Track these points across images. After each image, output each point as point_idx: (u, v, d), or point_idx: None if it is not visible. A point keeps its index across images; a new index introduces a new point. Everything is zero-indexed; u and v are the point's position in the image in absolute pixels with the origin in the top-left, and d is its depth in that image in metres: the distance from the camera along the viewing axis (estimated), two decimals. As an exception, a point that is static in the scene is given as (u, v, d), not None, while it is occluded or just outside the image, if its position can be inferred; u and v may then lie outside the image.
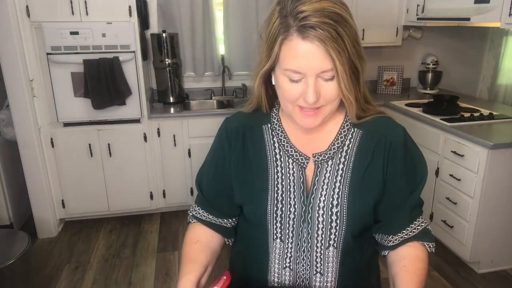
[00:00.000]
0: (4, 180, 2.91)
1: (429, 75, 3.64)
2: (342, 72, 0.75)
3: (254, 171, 0.89)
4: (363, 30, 3.27)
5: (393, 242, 0.89)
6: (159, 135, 3.04)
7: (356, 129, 0.88)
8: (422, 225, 0.90)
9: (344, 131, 0.88)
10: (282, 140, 0.90)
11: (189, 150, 3.11)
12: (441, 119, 2.63)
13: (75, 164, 2.95)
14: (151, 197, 3.17)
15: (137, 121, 2.97)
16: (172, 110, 3.13)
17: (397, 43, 3.46)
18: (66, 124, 2.87)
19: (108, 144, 2.95)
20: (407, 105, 3.09)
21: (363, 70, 0.80)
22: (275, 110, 0.93)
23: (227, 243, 1.00)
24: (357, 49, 0.77)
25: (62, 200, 3.02)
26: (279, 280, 0.91)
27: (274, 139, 0.90)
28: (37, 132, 2.78)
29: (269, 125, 0.92)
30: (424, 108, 2.87)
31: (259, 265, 0.93)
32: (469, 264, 2.53)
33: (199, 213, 0.97)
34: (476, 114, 2.69)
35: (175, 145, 3.08)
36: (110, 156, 2.98)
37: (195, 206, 0.99)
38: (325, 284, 0.89)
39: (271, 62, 0.80)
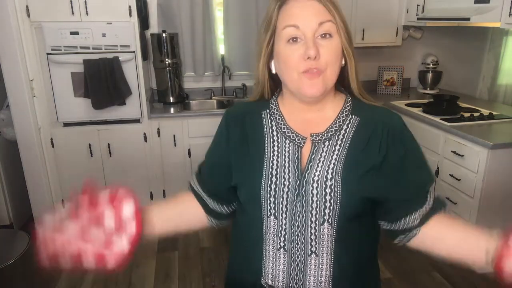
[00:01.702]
0: (4, 180, 2.91)
1: (429, 75, 3.64)
2: (340, 23, 0.82)
3: (252, 151, 0.92)
4: (363, 30, 3.28)
5: (415, 221, 0.90)
6: (159, 135, 3.04)
7: (353, 116, 0.91)
8: (432, 195, 0.91)
9: (343, 117, 0.91)
10: (280, 123, 0.93)
11: (189, 150, 3.11)
12: (441, 119, 2.63)
13: (75, 164, 2.95)
14: (151, 197, 3.17)
15: (137, 121, 2.97)
16: (172, 110, 3.13)
17: (397, 43, 3.47)
18: (66, 124, 2.87)
19: (108, 144, 2.95)
20: (407, 105, 3.09)
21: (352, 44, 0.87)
22: (274, 97, 0.97)
23: (214, 224, 1.03)
24: (346, 23, 0.85)
25: (62, 200, 3.02)
26: (274, 265, 0.91)
27: (272, 122, 0.94)
28: (37, 132, 2.78)
29: (267, 111, 0.95)
30: (424, 108, 2.87)
31: (254, 251, 0.93)
32: (469, 264, 2.53)
33: (194, 183, 1.03)
34: (476, 114, 2.69)
35: (175, 145, 3.08)
36: (110, 156, 2.98)
37: (194, 178, 1.04)
38: (320, 266, 0.88)
39: (271, 32, 0.86)
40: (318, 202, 0.86)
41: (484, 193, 2.29)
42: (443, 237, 0.88)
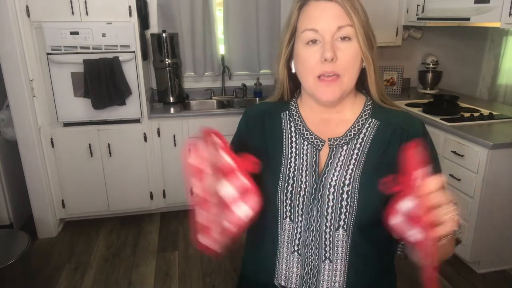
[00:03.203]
0: (4, 180, 2.91)
1: (429, 75, 3.64)
2: (359, 27, 0.81)
3: (269, 152, 0.92)
4: (363, 30, 3.28)
5: None
6: (159, 135, 3.04)
7: (373, 119, 0.90)
8: None
9: (362, 120, 0.90)
10: (299, 125, 0.93)
11: (189, 150, 3.10)
12: (441, 119, 2.63)
13: (75, 164, 2.95)
14: (151, 197, 3.17)
15: (137, 121, 2.97)
16: (172, 110, 3.13)
17: (397, 43, 3.46)
18: (66, 124, 2.87)
19: (108, 144, 2.95)
20: (407, 105, 3.09)
21: (375, 45, 0.87)
22: (294, 99, 0.97)
23: None
24: (368, 22, 0.85)
25: (62, 200, 3.02)
26: (287, 267, 0.90)
27: (291, 123, 0.93)
28: (37, 132, 2.78)
29: (287, 112, 0.96)
30: (424, 108, 2.87)
31: (268, 251, 0.93)
32: (469, 264, 2.53)
33: None
34: (476, 114, 2.69)
35: (175, 145, 3.08)
36: (110, 156, 2.98)
37: None
38: (334, 272, 0.87)
39: (290, 31, 0.86)
40: (333, 207, 0.85)
41: (484, 193, 2.29)
42: None
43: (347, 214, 0.84)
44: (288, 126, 0.93)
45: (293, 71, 0.90)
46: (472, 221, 2.37)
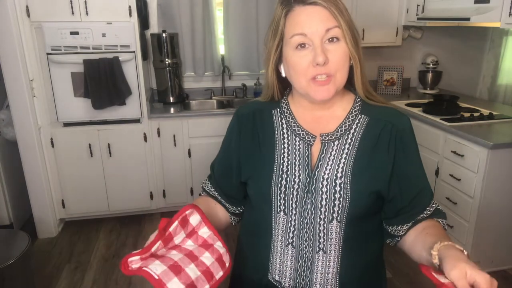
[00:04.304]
0: (4, 180, 2.91)
1: (429, 75, 3.64)
2: (346, 28, 0.83)
3: (262, 148, 0.94)
4: (363, 30, 3.27)
5: (406, 227, 0.92)
6: (159, 135, 3.04)
7: (363, 115, 0.92)
8: (434, 206, 0.93)
9: (352, 117, 0.92)
10: (290, 121, 0.94)
11: (189, 150, 3.11)
12: (441, 119, 2.63)
13: (75, 164, 2.95)
14: (151, 197, 3.17)
15: (137, 121, 2.97)
16: (172, 110, 3.13)
17: (397, 43, 3.46)
18: (66, 124, 2.87)
19: (108, 144, 2.95)
20: (407, 105, 3.09)
21: (360, 43, 0.88)
22: (284, 97, 0.99)
23: (231, 221, 1.06)
24: (352, 21, 0.86)
25: (62, 200, 3.02)
26: (281, 261, 0.91)
27: (283, 120, 0.95)
28: (37, 132, 2.78)
29: (278, 109, 0.97)
30: (424, 108, 2.87)
31: (262, 246, 0.94)
32: (469, 264, 2.53)
33: (208, 187, 1.05)
34: (476, 114, 2.69)
35: (175, 145, 3.08)
36: (110, 156, 2.98)
37: (206, 181, 1.06)
38: (327, 263, 0.89)
39: (278, 38, 0.87)
40: (327, 200, 0.87)
41: (484, 193, 2.29)
42: (413, 243, 0.89)
43: (340, 206, 0.86)
44: (280, 123, 0.95)
45: (283, 75, 0.92)
46: (472, 221, 2.37)
